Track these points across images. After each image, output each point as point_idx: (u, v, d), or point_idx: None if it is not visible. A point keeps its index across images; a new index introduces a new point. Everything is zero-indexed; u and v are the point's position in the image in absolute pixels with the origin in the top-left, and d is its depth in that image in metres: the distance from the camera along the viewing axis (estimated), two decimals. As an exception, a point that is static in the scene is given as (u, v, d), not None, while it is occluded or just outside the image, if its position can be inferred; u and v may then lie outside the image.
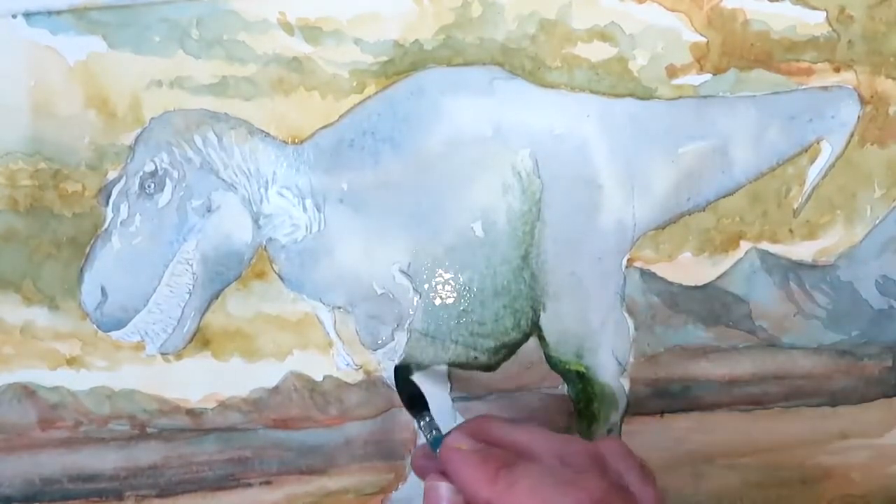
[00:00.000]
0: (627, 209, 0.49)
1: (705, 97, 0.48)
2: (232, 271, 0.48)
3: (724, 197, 0.49)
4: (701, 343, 0.50)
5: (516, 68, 0.47)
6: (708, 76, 0.48)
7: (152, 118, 0.47)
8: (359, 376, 0.49)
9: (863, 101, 0.49)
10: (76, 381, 0.48)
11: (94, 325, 0.48)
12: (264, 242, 0.48)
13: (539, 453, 0.39)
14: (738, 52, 0.48)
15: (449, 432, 0.41)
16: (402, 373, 0.48)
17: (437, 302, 0.49)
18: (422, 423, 0.43)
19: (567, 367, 0.50)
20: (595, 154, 0.48)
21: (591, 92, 0.48)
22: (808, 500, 0.52)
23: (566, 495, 0.36)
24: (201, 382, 0.49)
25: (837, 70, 0.48)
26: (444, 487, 0.39)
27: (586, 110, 0.48)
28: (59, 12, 0.46)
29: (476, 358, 0.49)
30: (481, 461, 0.38)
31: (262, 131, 0.47)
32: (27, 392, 0.48)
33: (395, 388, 0.47)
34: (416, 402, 0.44)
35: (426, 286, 0.49)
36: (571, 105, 0.48)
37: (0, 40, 0.46)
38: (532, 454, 0.39)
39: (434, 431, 0.42)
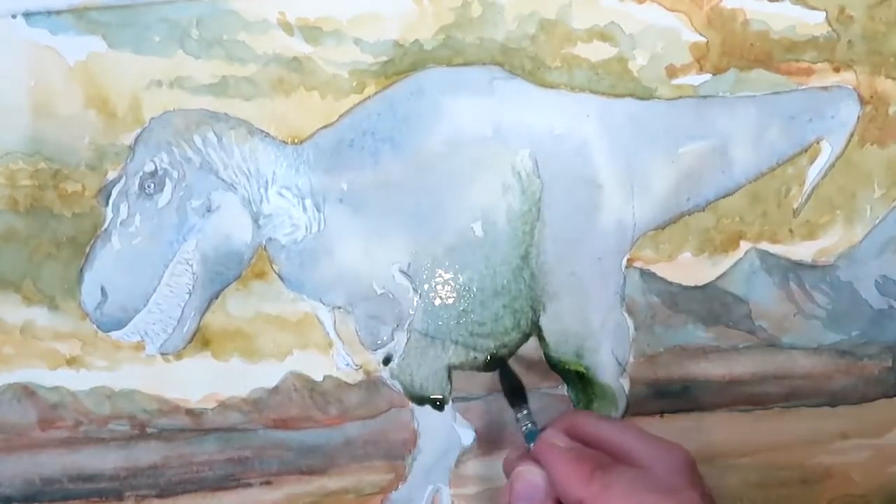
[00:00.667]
0: (627, 209, 0.49)
1: (705, 97, 0.48)
2: (232, 271, 0.48)
3: (724, 197, 0.49)
4: (701, 343, 0.50)
5: (516, 68, 0.47)
6: (708, 76, 0.48)
7: (152, 118, 0.47)
8: (359, 376, 0.49)
9: (863, 101, 0.49)
10: (76, 381, 0.48)
11: (94, 325, 0.48)
12: (264, 242, 0.48)
13: (634, 456, 0.39)
14: (738, 52, 0.48)
15: (545, 427, 0.41)
16: (504, 364, 0.48)
17: (437, 302, 0.49)
18: (519, 414, 0.43)
19: (567, 367, 0.50)
20: (595, 154, 0.48)
21: (591, 92, 0.48)
22: (808, 500, 0.52)
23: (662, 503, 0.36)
24: (201, 382, 0.49)
25: (837, 70, 0.48)
26: (537, 474, 0.39)
27: (586, 110, 0.48)
28: (58, 12, 0.46)
29: (476, 358, 0.49)
30: (577, 459, 0.38)
31: (262, 131, 0.47)
32: (27, 392, 0.48)
33: (498, 380, 0.47)
34: (517, 393, 0.45)
35: (426, 286, 0.49)
36: (571, 105, 0.48)
37: (0, 40, 0.46)
38: (627, 456, 0.39)
39: (530, 424, 0.43)
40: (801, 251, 0.50)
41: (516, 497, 0.40)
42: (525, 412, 0.43)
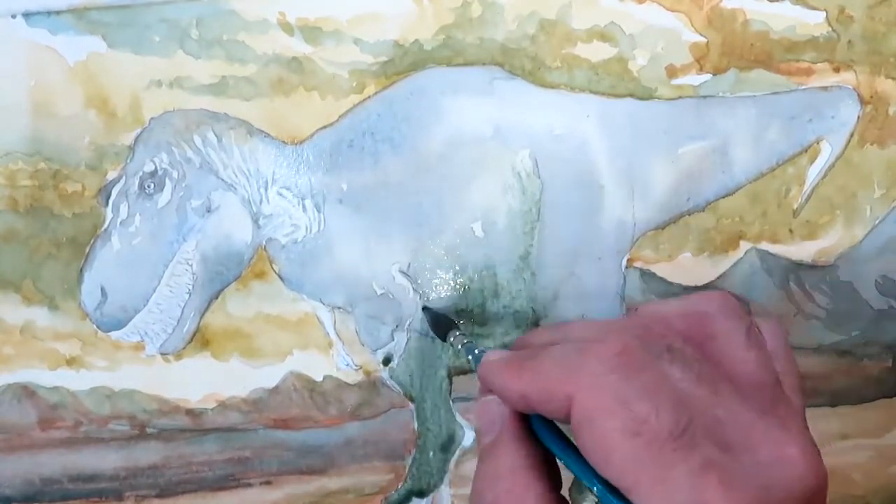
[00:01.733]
0: (627, 209, 0.49)
1: (705, 97, 0.48)
2: (232, 271, 0.48)
3: (724, 197, 0.49)
4: (701, 343, 0.50)
5: (516, 68, 0.47)
6: (708, 76, 0.48)
7: (152, 118, 0.47)
8: (359, 376, 0.49)
9: (863, 101, 0.49)
10: (76, 381, 0.48)
11: (94, 325, 0.48)
12: (264, 242, 0.48)
13: (575, 337, 0.36)
14: (738, 52, 0.48)
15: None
16: (428, 308, 0.48)
17: (437, 302, 0.49)
18: (452, 338, 0.42)
19: (567, 367, 0.50)
20: (595, 154, 0.48)
21: (591, 92, 0.48)
22: (807, 500, 0.52)
23: (585, 354, 0.32)
24: (201, 382, 0.49)
25: (837, 70, 0.48)
26: (490, 400, 0.37)
27: (586, 110, 0.48)
28: (58, 12, 0.46)
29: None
30: (507, 362, 0.36)
31: (262, 131, 0.47)
32: (27, 392, 0.48)
33: (427, 319, 0.47)
34: (444, 322, 0.44)
35: (426, 286, 0.49)
36: (571, 105, 0.48)
37: (0, 40, 0.46)
38: (565, 340, 0.36)
39: (471, 349, 0.41)
40: (801, 251, 0.50)
41: (480, 433, 0.37)
42: (457, 335, 0.42)
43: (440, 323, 0.46)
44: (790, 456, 0.32)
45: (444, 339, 0.45)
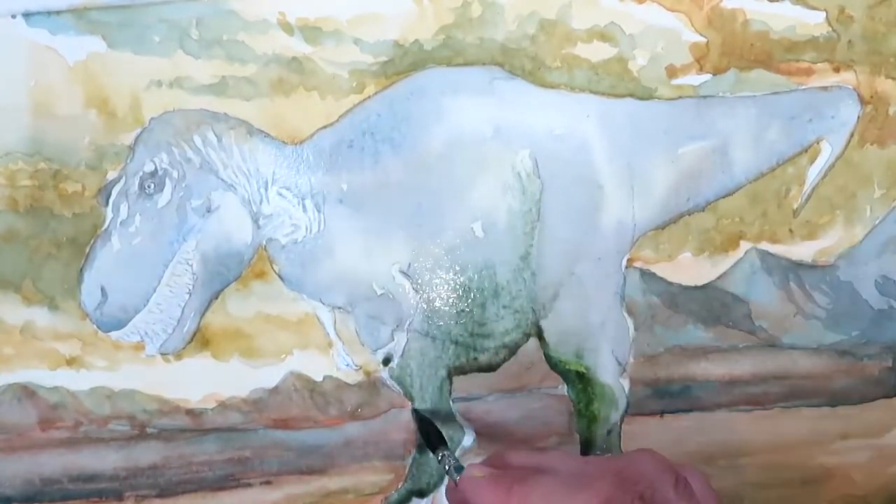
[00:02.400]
0: (627, 209, 0.49)
1: (705, 97, 0.48)
2: (232, 271, 0.48)
3: (724, 197, 0.49)
4: (701, 343, 0.50)
5: (516, 68, 0.47)
6: (708, 76, 0.48)
7: (152, 118, 0.47)
8: (359, 377, 0.49)
9: (862, 101, 0.49)
10: (76, 381, 0.48)
11: (94, 326, 0.48)
12: (264, 242, 0.48)
13: (557, 470, 0.39)
14: (738, 52, 0.48)
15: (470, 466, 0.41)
16: (419, 413, 0.49)
17: (437, 302, 0.49)
18: (440, 457, 0.44)
19: (567, 367, 0.50)
20: (595, 154, 0.48)
21: (591, 92, 0.48)
22: (808, 500, 0.52)
23: (574, 498, 0.36)
24: (201, 382, 0.49)
25: (837, 70, 0.48)
26: None
27: (586, 110, 0.48)
28: (58, 12, 0.46)
29: (476, 359, 0.49)
30: (495, 482, 0.38)
31: (262, 131, 0.47)
32: (27, 392, 0.48)
33: (414, 425, 0.48)
34: (432, 439, 0.45)
35: (426, 286, 0.49)
36: (571, 105, 0.48)
37: (0, 40, 0.46)
38: (549, 471, 0.39)
39: (453, 464, 0.42)
40: (801, 251, 0.50)
41: None
42: (445, 453, 0.43)
43: (431, 434, 0.46)
44: None
45: (432, 449, 0.45)
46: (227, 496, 0.50)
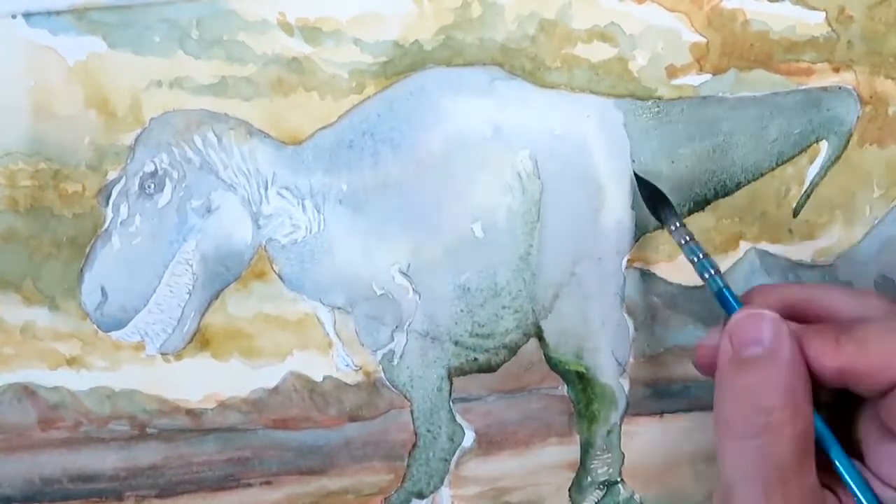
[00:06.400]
0: (627, 209, 0.49)
1: (705, 97, 0.48)
2: (232, 272, 0.48)
3: (723, 197, 0.49)
4: (701, 343, 0.50)
5: (516, 68, 0.47)
6: (708, 76, 0.48)
7: (152, 118, 0.47)
8: (358, 377, 0.49)
9: (862, 102, 0.49)
10: (76, 381, 0.48)
11: (94, 325, 0.48)
12: (264, 243, 0.48)
13: (855, 312, 0.38)
14: (738, 52, 0.48)
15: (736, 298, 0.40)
16: (638, 176, 0.47)
17: (437, 303, 0.49)
18: (672, 227, 0.40)
19: (567, 367, 0.50)
20: (595, 154, 0.48)
21: (591, 92, 0.48)
22: (807, 500, 0.51)
23: None
24: (201, 382, 0.49)
25: (837, 70, 0.48)
26: (762, 315, 0.37)
27: (586, 110, 0.48)
28: (59, 12, 0.46)
29: (476, 359, 0.49)
30: (818, 333, 0.37)
31: (262, 132, 0.47)
32: (27, 392, 0.48)
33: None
34: (657, 204, 0.42)
35: (426, 287, 0.49)
36: (571, 105, 0.48)
37: (0, 40, 0.46)
38: (838, 315, 0.38)
39: (688, 239, 0.39)
40: (801, 251, 0.50)
41: (741, 343, 0.38)
42: (675, 223, 0.39)
43: (655, 196, 0.43)
44: None
45: (658, 217, 0.42)
46: (227, 496, 0.50)
